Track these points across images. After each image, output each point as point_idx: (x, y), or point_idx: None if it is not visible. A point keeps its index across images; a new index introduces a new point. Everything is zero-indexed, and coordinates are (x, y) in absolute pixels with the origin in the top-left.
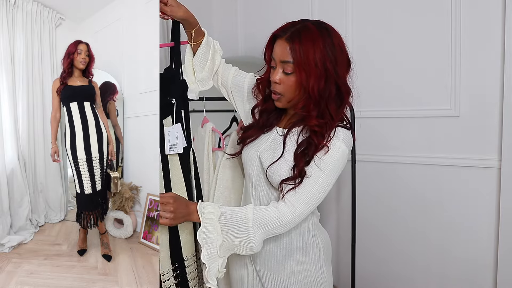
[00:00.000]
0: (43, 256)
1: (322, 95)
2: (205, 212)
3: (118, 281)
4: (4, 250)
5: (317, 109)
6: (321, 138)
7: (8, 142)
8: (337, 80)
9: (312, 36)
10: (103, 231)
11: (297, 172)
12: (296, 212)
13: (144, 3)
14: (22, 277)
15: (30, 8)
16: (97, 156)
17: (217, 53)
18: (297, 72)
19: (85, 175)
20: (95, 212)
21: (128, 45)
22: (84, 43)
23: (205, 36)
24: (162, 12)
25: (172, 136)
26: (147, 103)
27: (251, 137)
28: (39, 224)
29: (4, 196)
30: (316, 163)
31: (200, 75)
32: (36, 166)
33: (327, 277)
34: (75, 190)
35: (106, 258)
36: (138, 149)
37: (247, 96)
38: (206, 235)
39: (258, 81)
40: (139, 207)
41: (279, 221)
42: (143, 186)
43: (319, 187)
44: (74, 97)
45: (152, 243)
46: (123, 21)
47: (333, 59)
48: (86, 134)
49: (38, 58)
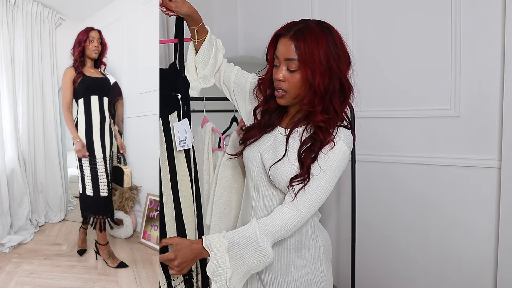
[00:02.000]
0: (43, 256)
1: (327, 91)
2: (212, 246)
3: (118, 281)
4: (4, 250)
5: (322, 105)
6: (326, 134)
7: (8, 142)
8: (340, 77)
9: (316, 34)
10: (105, 242)
11: (305, 169)
12: (301, 215)
13: (144, 3)
14: (22, 277)
15: (30, 8)
16: (107, 157)
17: (219, 51)
18: (302, 69)
19: (102, 175)
20: (107, 216)
21: (128, 45)
22: (96, 30)
23: (208, 34)
24: (167, 8)
25: (181, 132)
26: (147, 103)
27: (253, 137)
28: (39, 224)
29: (4, 196)
30: (319, 162)
31: (202, 72)
32: (36, 166)
33: (327, 276)
34: (85, 192)
35: (122, 265)
36: (138, 149)
37: (249, 96)
38: (216, 268)
39: (259, 82)
40: (139, 207)
41: (286, 227)
42: (143, 186)
43: (322, 188)
44: (94, 90)
45: (152, 243)
46: (123, 21)
47: (336, 56)
48: (103, 131)
49: (38, 58)
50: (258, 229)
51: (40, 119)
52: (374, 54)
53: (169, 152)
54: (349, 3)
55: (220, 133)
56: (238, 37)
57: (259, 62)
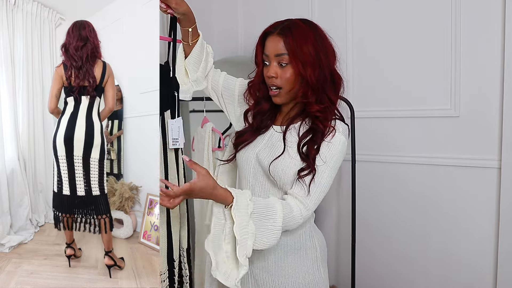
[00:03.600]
0: (43, 256)
1: (319, 81)
2: (238, 205)
3: (118, 281)
4: (4, 250)
5: (315, 96)
6: (325, 122)
7: (8, 142)
8: (330, 67)
9: (302, 29)
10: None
11: (311, 161)
12: (309, 207)
13: (144, 3)
14: (22, 277)
15: (30, 8)
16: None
17: (209, 55)
18: (293, 62)
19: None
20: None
21: (128, 45)
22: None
23: (200, 36)
24: (166, 4)
25: (174, 130)
26: (147, 103)
27: (246, 141)
28: (39, 224)
29: (4, 196)
30: (323, 153)
31: (194, 75)
32: (36, 166)
33: (324, 277)
34: (90, 191)
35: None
36: (138, 149)
37: (238, 100)
38: (243, 232)
39: (249, 85)
40: (139, 207)
41: (301, 219)
42: (143, 186)
43: (326, 179)
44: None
45: (152, 243)
46: (123, 21)
47: (323, 49)
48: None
49: (38, 58)
50: (282, 213)
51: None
52: (374, 54)
53: (164, 149)
54: (349, 3)
55: (220, 133)
56: (238, 37)
57: None
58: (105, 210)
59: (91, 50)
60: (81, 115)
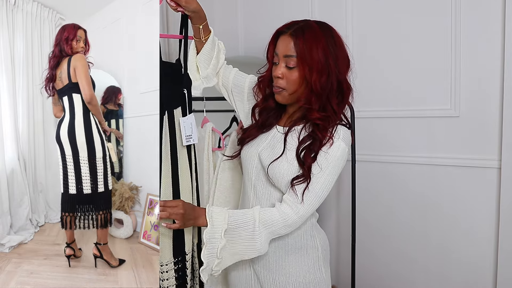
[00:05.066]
0: (43, 256)
1: (324, 89)
2: (213, 215)
3: (118, 281)
4: (4, 250)
5: (319, 103)
6: (324, 131)
7: (8, 142)
8: (338, 76)
9: (315, 33)
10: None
11: (306, 169)
12: (300, 213)
13: (144, 3)
14: (22, 277)
15: (30, 8)
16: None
17: (221, 52)
18: (300, 66)
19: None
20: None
21: (128, 45)
22: (83, 29)
23: (212, 33)
24: (176, 3)
25: (187, 127)
26: (147, 103)
27: (250, 137)
28: (39, 224)
29: (4, 196)
30: (320, 161)
31: (205, 72)
32: (36, 166)
33: (325, 277)
34: (94, 189)
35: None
36: (138, 149)
37: (248, 96)
38: (211, 236)
39: (259, 79)
40: (139, 207)
41: (284, 222)
42: (143, 186)
43: (321, 186)
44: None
45: (152, 243)
46: (123, 21)
47: (334, 56)
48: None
49: (38, 58)
50: (258, 216)
51: (40, 119)
52: (374, 54)
53: (172, 146)
54: (349, 3)
55: (220, 133)
56: (238, 37)
57: (259, 62)
58: (105, 206)
59: (59, 51)
60: (78, 114)
